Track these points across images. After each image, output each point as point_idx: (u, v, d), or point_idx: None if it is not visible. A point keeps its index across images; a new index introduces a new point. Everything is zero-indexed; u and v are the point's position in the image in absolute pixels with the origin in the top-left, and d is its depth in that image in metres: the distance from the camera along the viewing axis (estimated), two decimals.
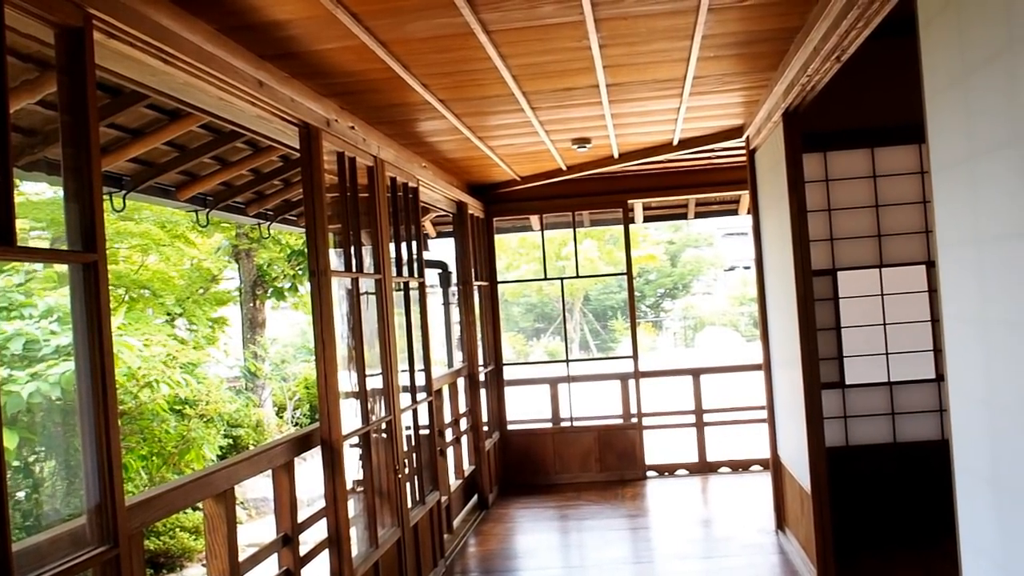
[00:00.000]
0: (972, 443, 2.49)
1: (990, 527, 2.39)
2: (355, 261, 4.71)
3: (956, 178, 2.45)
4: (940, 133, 2.56)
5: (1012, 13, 2.00)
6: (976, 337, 2.40)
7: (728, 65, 4.64)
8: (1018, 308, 2.09)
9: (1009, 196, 2.09)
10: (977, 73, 2.23)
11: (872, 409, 5.81)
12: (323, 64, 3.93)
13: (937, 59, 2.53)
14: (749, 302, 30.19)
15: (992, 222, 2.22)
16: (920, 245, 5.76)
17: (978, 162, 2.27)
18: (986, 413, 2.36)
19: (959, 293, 2.51)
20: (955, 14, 2.34)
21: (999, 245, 2.18)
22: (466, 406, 7.80)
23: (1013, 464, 2.20)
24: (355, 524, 4.66)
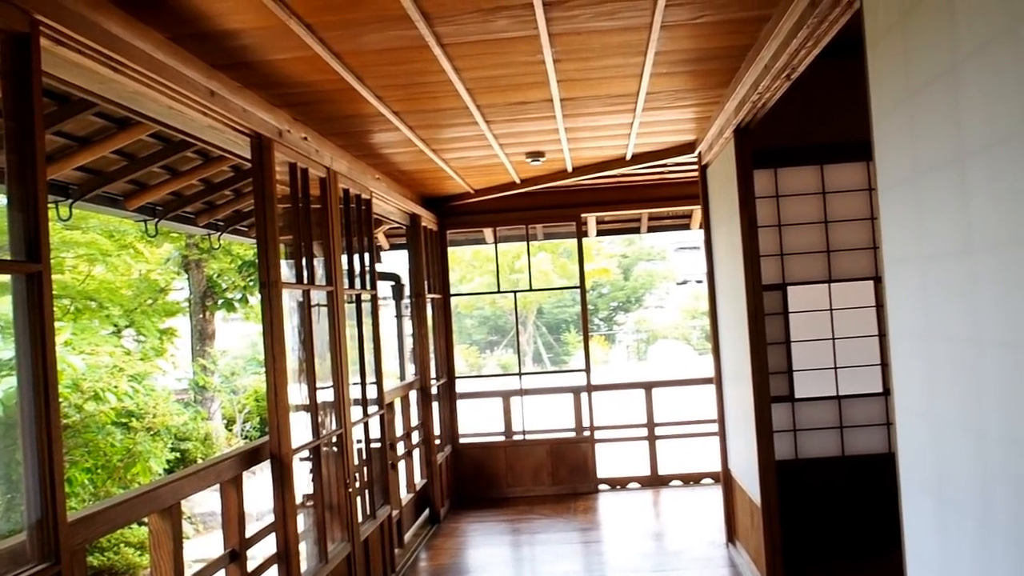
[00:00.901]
0: (917, 456, 2.53)
1: (934, 539, 2.43)
2: (307, 273, 4.67)
3: (902, 196, 2.49)
4: (886, 152, 2.60)
5: (956, 37, 2.04)
6: (920, 352, 2.44)
7: (681, 81, 4.68)
8: (959, 324, 2.13)
9: (950, 215, 2.14)
10: (922, 94, 2.27)
11: (821, 423, 5.88)
12: (276, 74, 3.90)
13: (883, 80, 2.57)
14: (701, 316, 30.44)
15: (935, 240, 2.26)
16: (868, 261, 5.85)
17: (922, 181, 2.31)
18: (930, 427, 2.40)
19: (904, 309, 2.55)
20: (901, 37, 2.39)
21: (941, 263, 2.22)
22: (418, 419, 7.77)
23: (956, 477, 2.23)
24: (305, 539, 4.61)
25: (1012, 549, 1.93)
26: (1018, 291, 1.83)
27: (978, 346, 2.04)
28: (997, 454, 1.98)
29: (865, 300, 5.88)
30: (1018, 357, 1.85)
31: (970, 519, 2.16)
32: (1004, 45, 1.81)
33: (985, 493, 2.06)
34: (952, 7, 2.05)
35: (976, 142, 1.98)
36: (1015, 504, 1.90)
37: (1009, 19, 1.78)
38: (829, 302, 5.91)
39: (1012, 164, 1.81)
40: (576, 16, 3.48)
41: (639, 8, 3.45)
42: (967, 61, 1.99)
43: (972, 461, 2.12)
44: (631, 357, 33.24)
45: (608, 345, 33.27)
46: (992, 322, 1.96)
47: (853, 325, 5.90)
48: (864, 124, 2.75)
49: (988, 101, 1.90)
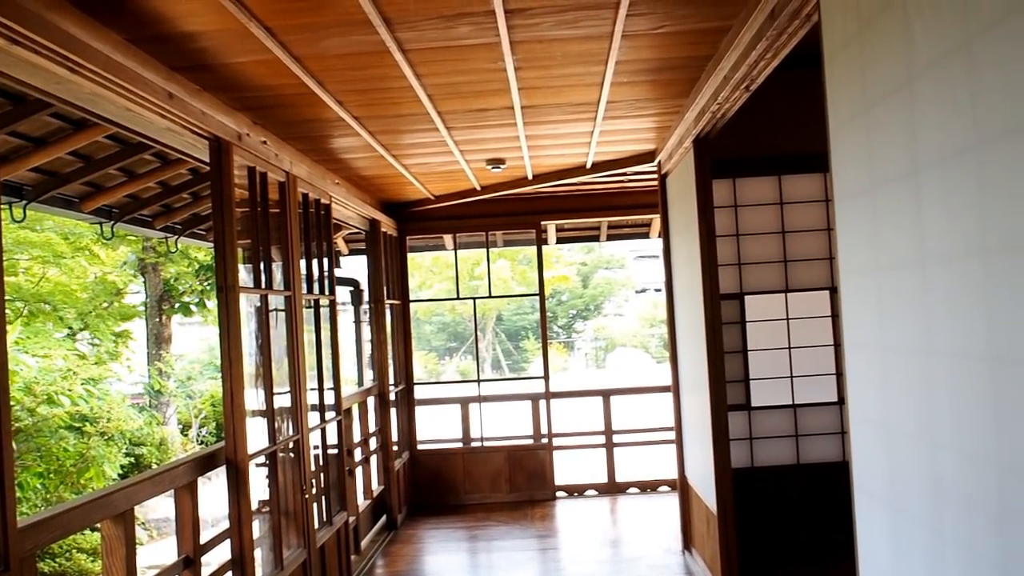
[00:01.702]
0: (870, 465, 2.56)
1: (886, 547, 2.46)
2: (265, 277, 4.64)
3: (858, 208, 2.52)
4: (843, 164, 2.64)
5: (911, 51, 2.07)
6: (874, 362, 2.47)
7: (641, 91, 4.72)
8: (913, 335, 2.17)
9: (905, 227, 2.17)
10: (878, 107, 2.31)
11: (777, 431, 5.94)
12: (236, 78, 3.87)
13: (841, 92, 2.61)
14: (659, 324, 30.62)
15: (890, 251, 2.29)
16: (824, 271, 5.92)
17: (878, 193, 2.35)
18: (883, 436, 2.43)
19: (859, 319, 2.59)
20: (858, 50, 2.42)
21: (896, 274, 2.25)
22: (376, 425, 7.73)
23: (908, 486, 2.26)
24: (260, 545, 4.57)
25: (963, 557, 1.96)
26: (968, 302, 1.86)
27: (930, 356, 2.08)
28: (948, 463, 2.01)
29: (821, 310, 5.95)
30: (969, 367, 1.88)
31: (922, 527, 2.19)
32: (958, 60, 1.85)
33: (937, 502, 2.09)
34: (908, 22, 2.08)
35: (930, 155, 2.01)
36: (966, 513, 1.94)
37: (963, 35, 1.82)
38: (786, 312, 5.97)
39: (965, 178, 1.84)
40: (538, 24, 3.50)
41: (601, 17, 3.47)
42: (922, 75, 2.03)
43: (924, 470, 2.16)
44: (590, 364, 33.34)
45: (567, 352, 33.34)
46: (944, 333, 2.00)
47: (809, 335, 5.97)
48: (822, 136, 2.79)
49: (942, 115, 1.94)
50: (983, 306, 1.79)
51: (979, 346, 1.82)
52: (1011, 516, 1.73)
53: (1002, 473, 1.76)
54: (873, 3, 2.29)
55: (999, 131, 1.69)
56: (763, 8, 3.24)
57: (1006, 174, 1.67)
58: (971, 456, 1.89)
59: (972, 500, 1.90)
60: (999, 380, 1.75)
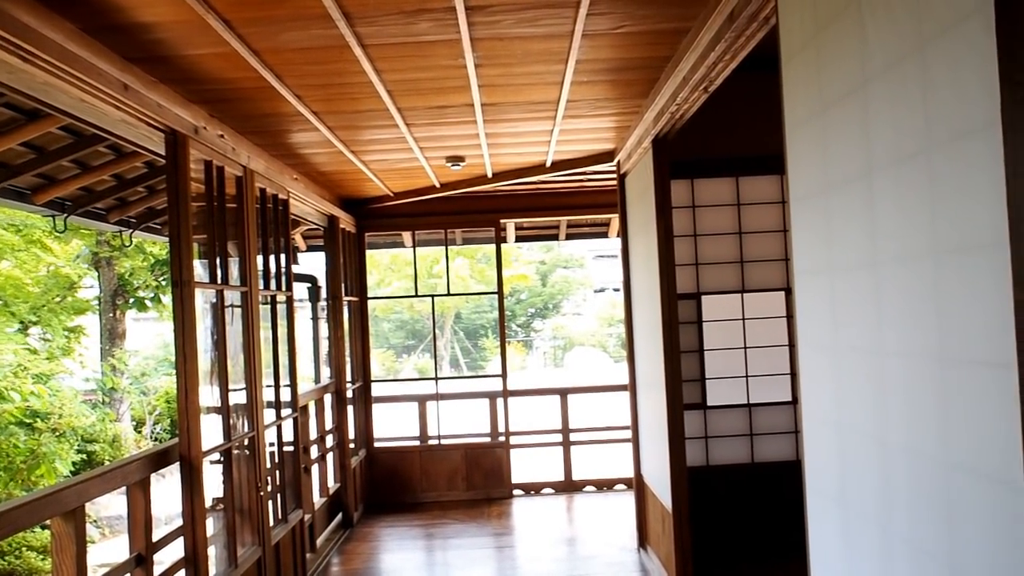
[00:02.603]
0: (823, 464, 2.59)
1: (837, 544, 2.49)
2: (221, 272, 4.59)
3: (812, 209, 2.55)
4: (798, 165, 2.67)
5: (867, 55, 2.10)
6: (827, 362, 2.50)
7: (601, 90, 4.73)
8: (865, 335, 2.20)
9: (859, 228, 2.20)
10: (833, 109, 2.34)
11: (732, 430, 5.99)
12: (193, 70, 3.83)
13: (797, 94, 2.64)
14: (617, 323, 30.76)
15: (843, 252, 2.32)
16: (780, 272, 5.98)
17: (832, 194, 2.38)
18: (836, 435, 2.46)
19: (812, 319, 2.62)
20: (814, 52, 2.45)
21: (849, 274, 2.28)
22: (333, 423, 7.68)
23: (860, 484, 2.29)
24: (214, 543, 4.53)
25: (912, 555, 1.99)
26: (918, 303, 1.89)
27: (882, 356, 2.11)
28: (899, 462, 2.04)
29: (777, 310, 6.01)
30: (919, 367, 1.91)
31: (873, 525, 2.22)
32: (912, 65, 1.87)
33: (887, 500, 2.12)
34: (863, 26, 2.11)
35: (884, 157, 2.04)
36: (915, 511, 1.96)
37: (917, 40, 1.84)
38: (742, 312, 6.02)
39: (917, 180, 1.87)
40: (499, 22, 3.50)
41: (561, 16, 3.48)
42: (877, 79, 2.06)
43: (875, 469, 2.19)
44: (548, 363, 33.39)
45: (525, 351, 33.37)
46: (895, 333, 2.03)
47: (765, 335, 6.03)
48: (779, 138, 2.81)
49: (895, 118, 1.97)
50: (933, 307, 1.82)
51: (929, 346, 1.85)
52: (958, 514, 1.76)
53: (949, 472, 1.79)
54: (830, 6, 2.32)
55: (950, 134, 1.72)
56: (722, 10, 3.27)
57: (957, 177, 1.70)
58: (920, 455, 1.92)
59: (921, 498, 1.93)
60: (948, 380, 1.78)
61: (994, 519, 1.62)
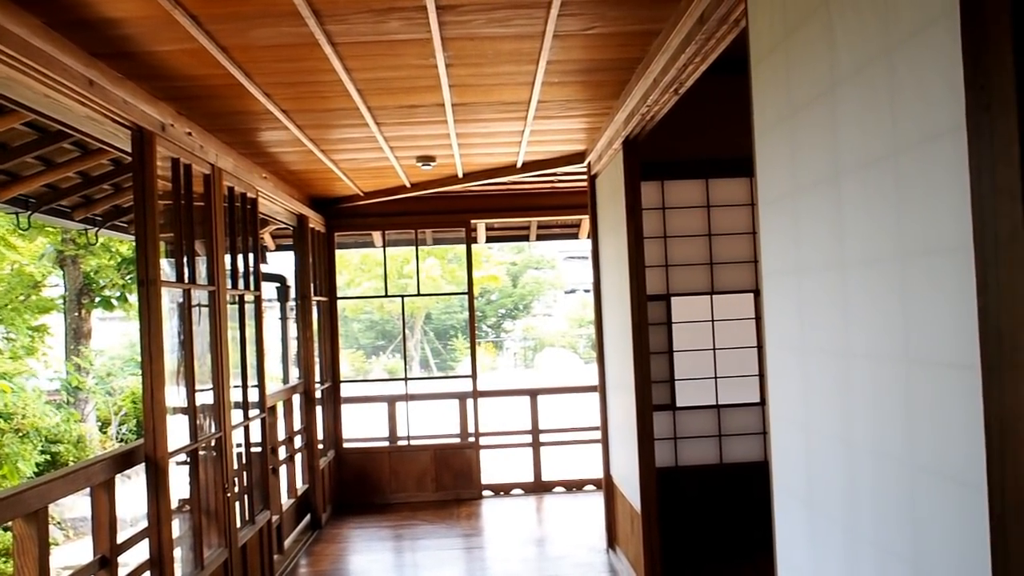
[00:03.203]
0: (790, 465, 2.61)
1: (804, 545, 2.50)
2: (188, 271, 4.55)
3: (781, 211, 2.56)
4: (767, 168, 2.68)
5: (835, 59, 2.11)
6: (795, 363, 2.51)
7: (572, 91, 4.74)
8: (832, 336, 2.21)
9: (827, 230, 2.21)
10: (802, 112, 2.35)
11: (701, 431, 6.02)
12: (160, 66, 3.79)
13: (766, 97, 2.65)
14: (588, 324, 30.81)
15: (811, 254, 2.33)
16: (749, 274, 6.02)
17: (800, 196, 2.39)
18: (803, 436, 2.47)
19: (780, 321, 2.63)
20: (784, 56, 2.46)
21: (816, 276, 2.29)
22: (301, 423, 7.63)
23: (826, 486, 2.31)
24: (180, 545, 4.49)
25: (877, 556, 2.00)
26: (885, 305, 1.90)
27: (848, 358, 2.12)
28: (864, 464, 2.06)
29: (746, 312, 6.04)
30: (884, 369, 1.92)
31: (838, 526, 2.23)
32: (879, 69, 1.88)
33: (852, 501, 2.13)
34: (832, 29, 2.12)
35: (851, 160, 2.05)
36: (881, 512, 1.98)
37: (884, 44, 1.85)
38: (711, 313, 6.05)
39: (884, 183, 1.88)
40: (470, 21, 3.49)
41: (533, 16, 3.48)
42: (845, 82, 2.07)
43: (841, 470, 2.20)
44: (518, 364, 33.38)
45: (496, 352, 33.34)
46: (861, 334, 2.04)
47: (734, 336, 6.06)
48: (748, 140, 2.82)
49: (863, 122, 1.98)
50: (899, 309, 1.84)
51: (895, 348, 1.86)
52: (922, 514, 1.77)
53: (914, 472, 1.80)
54: (799, 10, 2.33)
55: (916, 138, 1.73)
56: (692, 12, 3.28)
57: (923, 180, 1.71)
58: (886, 456, 1.93)
59: (886, 499, 1.94)
60: (913, 381, 1.79)
61: (958, 520, 1.63)
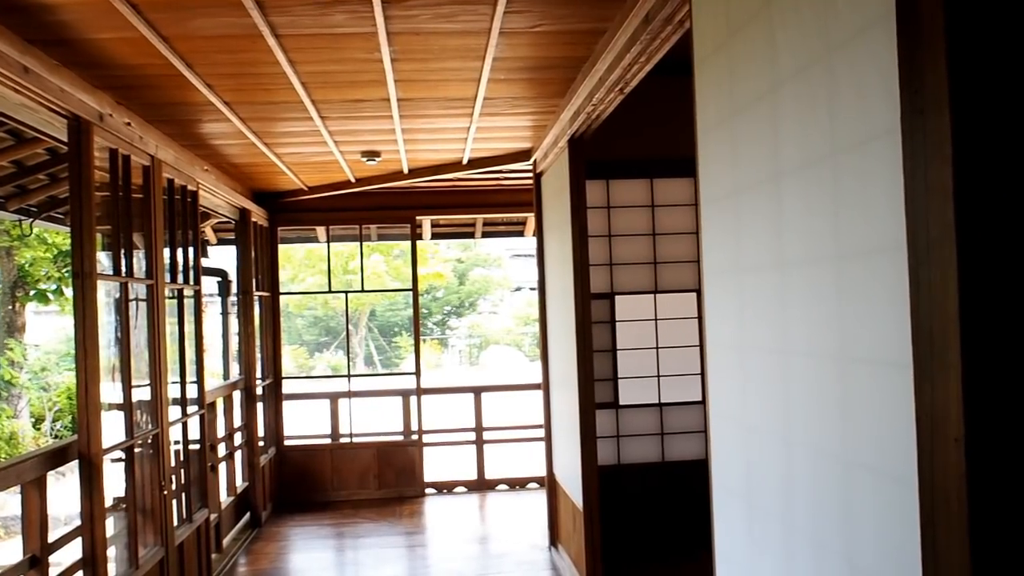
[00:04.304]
0: (728, 461, 2.63)
1: (741, 540, 2.53)
2: (125, 265, 4.46)
3: (722, 211, 2.59)
4: (709, 168, 2.70)
5: (776, 61, 2.13)
6: (735, 362, 2.54)
7: (518, 88, 4.73)
8: (772, 335, 2.23)
9: (767, 230, 2.23)
10: (743, 113, 2.37)
11: (643, 429, 6.05)
12: (98, 54, 3.71)
13: (709, 98, 2.67)
14: (534, 322, 30.86)
15: (751, 254, 2.36)
16: (692, 273, 6.06)
17: (742, 196, 2.41)
18: (741, 433, 2.50)
19: (721, 319, 2.65)
20: (727, 57, 2.48)
21: (756, 276, 2.32)
22: (241, 420, 7.54)
23: (763, 482, 2.33)
24: (114, 543, 4.40)
25: (812, 552, 2.03)
26: (821, 304, 1.93)
27: (786, 355, 2.14)
28: (801, 461, 2.08)
29: (688, 311, 6.09)
30: (820, 366, 1.94)
31: (775, 522, 2.26)
32: (819, 71, 1.91)
33: (789, 498, 2.16)
34: (773, 31, 2.14)
35: (791, 162, 2.07)
36: (815, 508, 2.00)
37: (824, 46, 1.88)
38: (654, 312, 6.09)
39: (821, 185, 1.91)
40: (415, 16, 3.47)
41: (478, 12, 3.47)
42: (786, 84, 2.09)
43: (778, 467, 2.22)
44: (463, 362, 33.34)
45: (441, 349, 33.27)
46: (800, 333, 2.06)
47: (676, 335, 6.11)
48: (692, 141, 2.85)
49: (803, 124, 2.00)
50: (836, 307, 1.86)
51: (832, 346, 1.89)
52: (855, 510, 1.80)
53: (847, 469, 1.83)
54: (742, 11, 2.35)
55: (854, 140, 1.75)
56: (638, 12, 3.29)
57: (859, 181, 1.74)
58: (822, 453, 1.96)
59: (821, 495, 1.97)
60: (849, 379, 1.82)
61: (890, 516, 1.66)
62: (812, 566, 2.03)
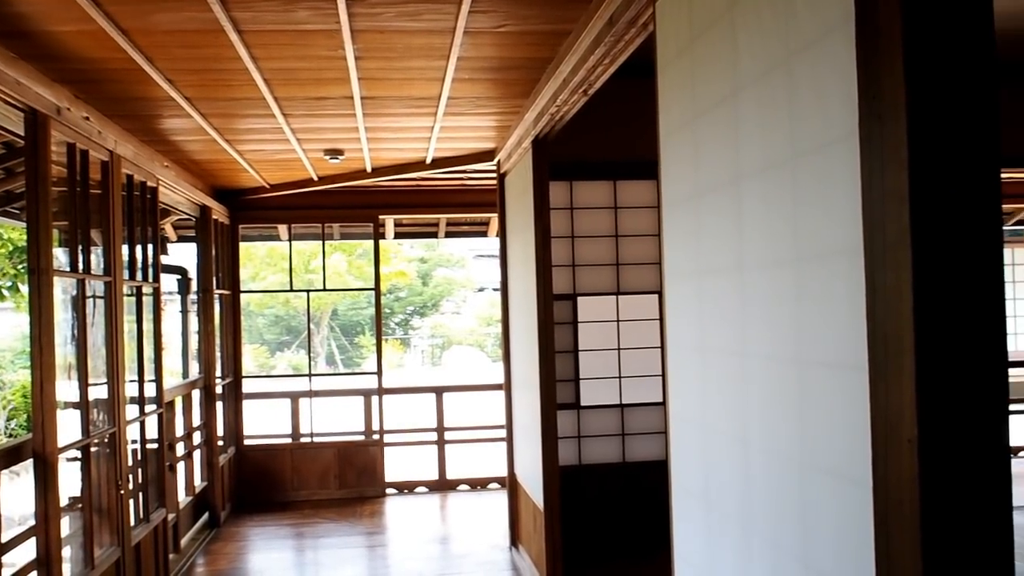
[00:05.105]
0: (688, 463, 2.65)
1: (700, 541, 2.55)
2: (83, 261, 4.40)
3: (684, 213, 2.60)
4: (671, 170, 2.72)
5: (737, 65, 2.15)
6: (694, 363, 2.55)
7: (482, 88, 4.73)
8: (731, 337, 2.25)
9: (727, 232, 2.25)
10: (705, 117, 2.39)
11: (604, 430, 6.07)
12: (57, 47, 3.66)
13: (672, 101, 2.69)
14: (496, 323, 30.85)
15: (711, 257, 2.37)
16: (654, 275, 6.09)
17: (703, 199, 2.43)
18: (700, 435, 2.51)
19: (681, 321, 2.67)
20: (689, 60, 2.50)
21: (717, 278, 2.33)
22: (201, 419, 7.47)
23: (722, 483, 2.35)
24: (69, 544, 4.34)
25: (769, 552, 2.05)
26: (779, 307, 1.95)
27: (745, 358, 2.16)
28: (759, 462, 2.10)
29: (650, 313, 6.12)
30: (778, 369, 1.96)
31: (733, 523, 2.27)
32: (779, 76, 1.92)
33: (747, 499, 2.18)
34: (735, 36, 2.16)
35: (751, 166, 2.09)
36: (773, 510, 2.02)
37: (784, 52, 1.89)
38: (617, 313, 6.12)
39: (781, 189, 1.93)
40: (380, 14, 3.45)
41: (443, 12, 3.46)
42: (747, 88, 2.11)
43: (737, 468, 2.24)
44: (426, 362, 33.27)
45: (403, 349, 33.16)
46: (758, 336, 2.08)
47: (638, 337, 6.13)
48: (655, 143, 2.86)
49: (763, 128, 2.02)
50: (794, 310, 1.88)
51: (790, 349, 1.91)
52: (812, 512, 1.82)
53: (805, 471, 1.85)
54: (705, 15, 2.36)
55: (812, 144, 1.77)
56: (602, 15, 3.30)
57: (817, 185, 1.76)
58: (779, 454, 1.98)
59: (779, 496, 1.99)
60: (805, 382, 1.84)
61: (846, 517, 1.68)
62: (770, 568, 2.04)
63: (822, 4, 1.72)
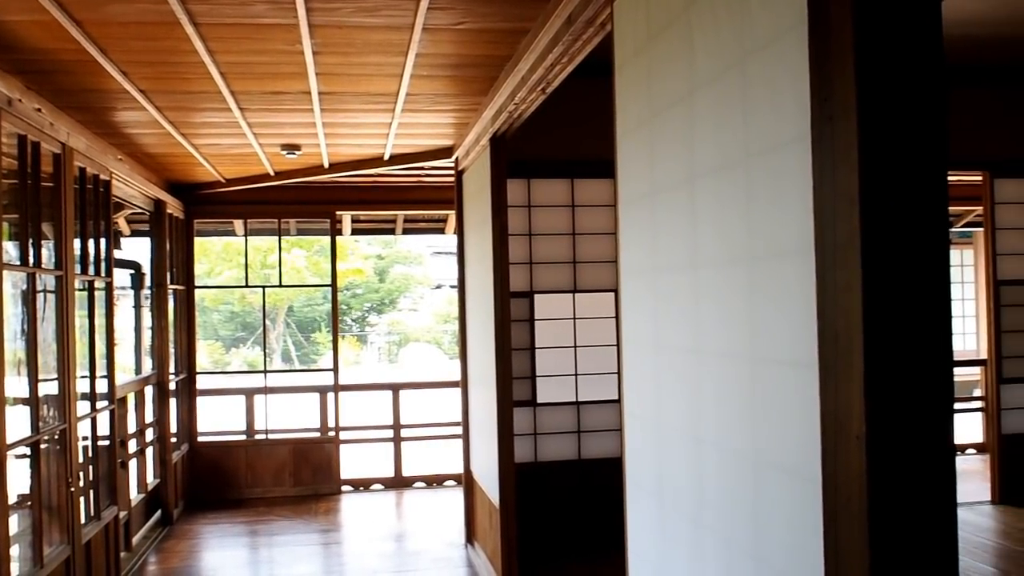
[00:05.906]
0: (641, 459, 2.67)
1: (653, 537, 2.57)
2: (33, 255, 4.33)
3: (639, 212, 2.62)
4: (627, 169, 2.74)
5: (693, 65, 2.17)
6: (649, 361, 2.57)
7: (441, 85, 4.73)
8: (685, 335, 2.27)
9: (682, 231, 2.27)
10: (661, 117, 2.41)
11: (560, 427, 6.09)
12: (7, 37, 3.59)
13: (628, 101, 2.70)
14: (454, 320, 30.77)
15: (666, 255, 2.40)
16: (611, 273, 6.12)
17: (658, 198, 2.45)
18: (654, 432, 2.54)
19: (636, 319, 2.69)
20: (646, 61, 2.52)
21: (671, 276, 2.36)
22: (154, 416, 7.38)
23: (675, 480, 2.37)
24: (18, 542, 4.27)
25: (721, 548, 2.07)
26: (733, 305, 1.97)
27: (699, 355, 2.19)
28: (712, 459, 2.12)
29: (606, 311, 6.15)
30: (731, 366, 1.99)
31: (686, 519, 2.30)
32: (734, 77, 1.95)
33: (700, 495, 2.20)
34: (691, 37, 2.18)
35: (705, 165, 2.12)
36: (725, 506, 2.05)
37: (739, 53, 1.92)
38: (573, 311, 6.14)
39: (734, 189, 1.95)
40: (338, 9, 3.44)
41: (402, 8, 3.45)
42: (702, 89, 2.13)
43: (690, 465, 2.27)
44: (383, 359, 33.14)
45: (360, 346, 33.01)
46: (712, 333, 2.10)
47: (594, 334, 6.16)
48: (612, 142, 2.88)
49: (718, 128, 2.04)
50: (746, 308, 1.90)
51: (742, 347, 1.93)
52: (765, 508, 1.84)
53: (757, 467, 1.87)
54: (662, 16, 2.38)
55: (765, 145, 1.80)
56: (560, 14, 3.32)
57: (770, 186, 1.78)
58: (732, 451, 2.00)
59: (731, 493, 2.01)
60: (757, 379, 1.86)
61: (796, 514, 1.70)
62: (723, 564, 2.07)
63: (776, 6, 1.74)
